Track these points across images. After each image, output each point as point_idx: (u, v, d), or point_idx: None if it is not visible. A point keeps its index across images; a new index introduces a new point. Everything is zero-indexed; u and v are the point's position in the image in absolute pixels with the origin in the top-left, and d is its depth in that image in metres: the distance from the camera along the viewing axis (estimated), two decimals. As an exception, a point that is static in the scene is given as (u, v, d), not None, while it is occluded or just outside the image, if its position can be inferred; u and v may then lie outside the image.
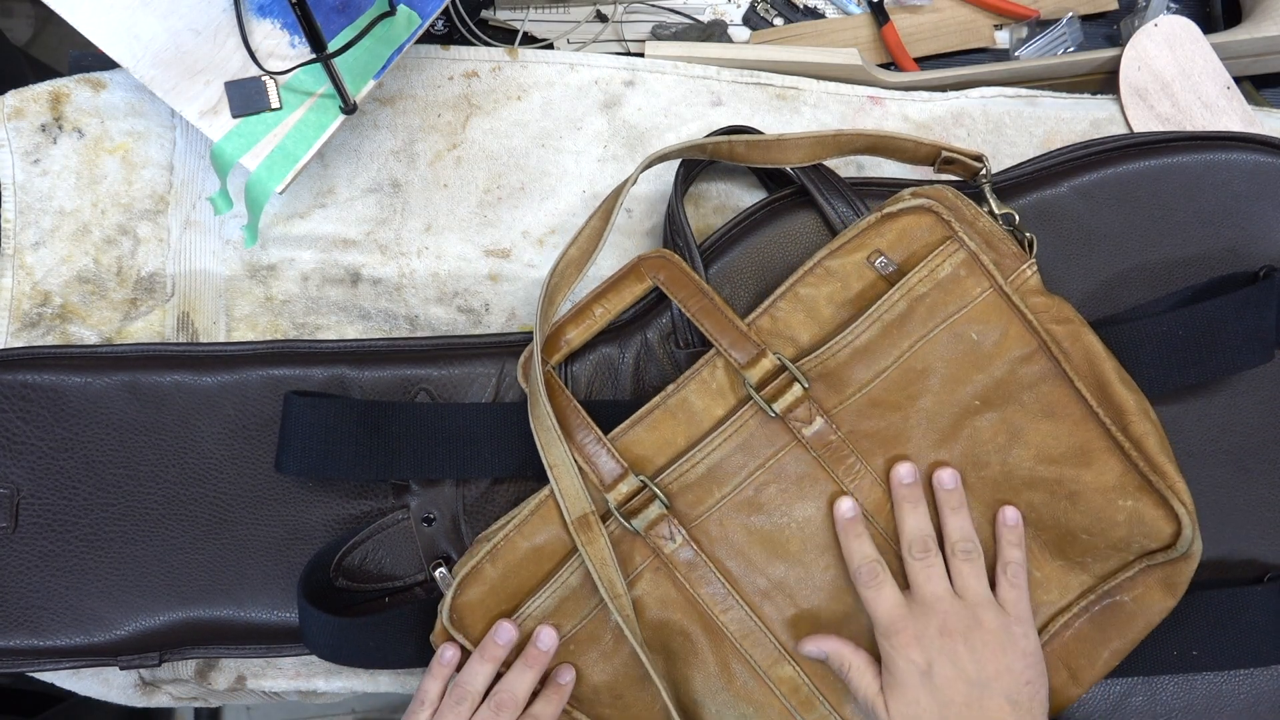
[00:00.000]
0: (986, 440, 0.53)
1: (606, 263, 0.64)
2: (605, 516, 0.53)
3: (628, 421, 0.54)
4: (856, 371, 0.53)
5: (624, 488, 0.53)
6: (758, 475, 0.53)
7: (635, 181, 0.56)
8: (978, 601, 0.51)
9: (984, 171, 0.56)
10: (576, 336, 0.56)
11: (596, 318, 0.56)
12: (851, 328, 0.53)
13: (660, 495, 0.52)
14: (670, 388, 0.54)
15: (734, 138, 0.56)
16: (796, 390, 0.52)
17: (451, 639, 0.53)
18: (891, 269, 0.54)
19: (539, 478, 0.57)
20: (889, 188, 0.59)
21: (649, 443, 0.54)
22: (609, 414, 0.55)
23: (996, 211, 0.55)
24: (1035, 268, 0.53)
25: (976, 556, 0.52)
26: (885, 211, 0.54)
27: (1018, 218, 0.56)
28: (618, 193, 0.56)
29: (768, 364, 0.53)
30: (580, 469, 0.53)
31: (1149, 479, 0.51)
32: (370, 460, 0.56)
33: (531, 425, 0.54)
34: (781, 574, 0.54)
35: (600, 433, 0.53)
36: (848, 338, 0.53)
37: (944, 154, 0.56)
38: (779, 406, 0.52)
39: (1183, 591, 0.53)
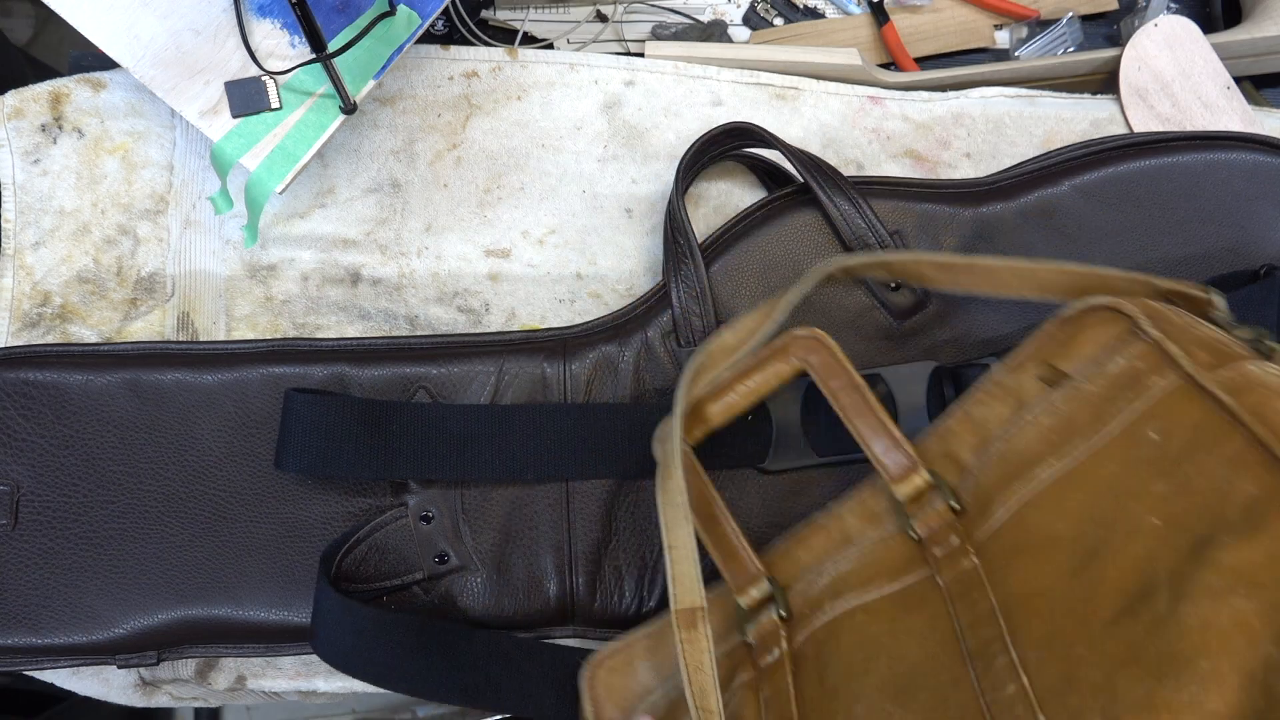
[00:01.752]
0: (1151, 552, 0.37)
1: (607, 262, 0.64)
2: (730, 623, 0.47)
3: (778, 540, 0.49)
4: (1009, 489, 0.43)
5: (755, 592, 0.47)
6: (881, 601, 0.45)
7: (801, 294, 0.51)
8: None
9: (1215, 306, 0.45)
10: (716, 415, 0.51)
11: (737, 397, 0.51)
12: (1005, 432, 0.44)
13: (781, 601, 0.46)
14: (830, 504, 0.49)
15: (920, 258, 0.51)
16: (943, 510, 0.44)
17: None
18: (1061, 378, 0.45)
19: (538, 480, 0.57)
20: (891, 187, 0.59)
21: (795, 556, 0.49)
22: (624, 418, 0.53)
23: (1247, 336, 0.42)
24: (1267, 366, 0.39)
25: None
26: (1063, 317, 0.46)
27: (1270, 340, 0.42)
28: (781, 296, 0.50)
29: (919, 481, 0.46)
30: (714, 560, 0.48)
31: None
32: (370, 459, 0.56)
33: (658, 499, 0.48)
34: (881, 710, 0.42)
35: (737, 527, 0.48)
36: (999, 446, 0.44)
37: (1160, 289, 0.46)
38: (920, 529, 0.45)
39: None
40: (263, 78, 0.57)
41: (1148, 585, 0.35)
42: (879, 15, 0.70)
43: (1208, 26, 0.69)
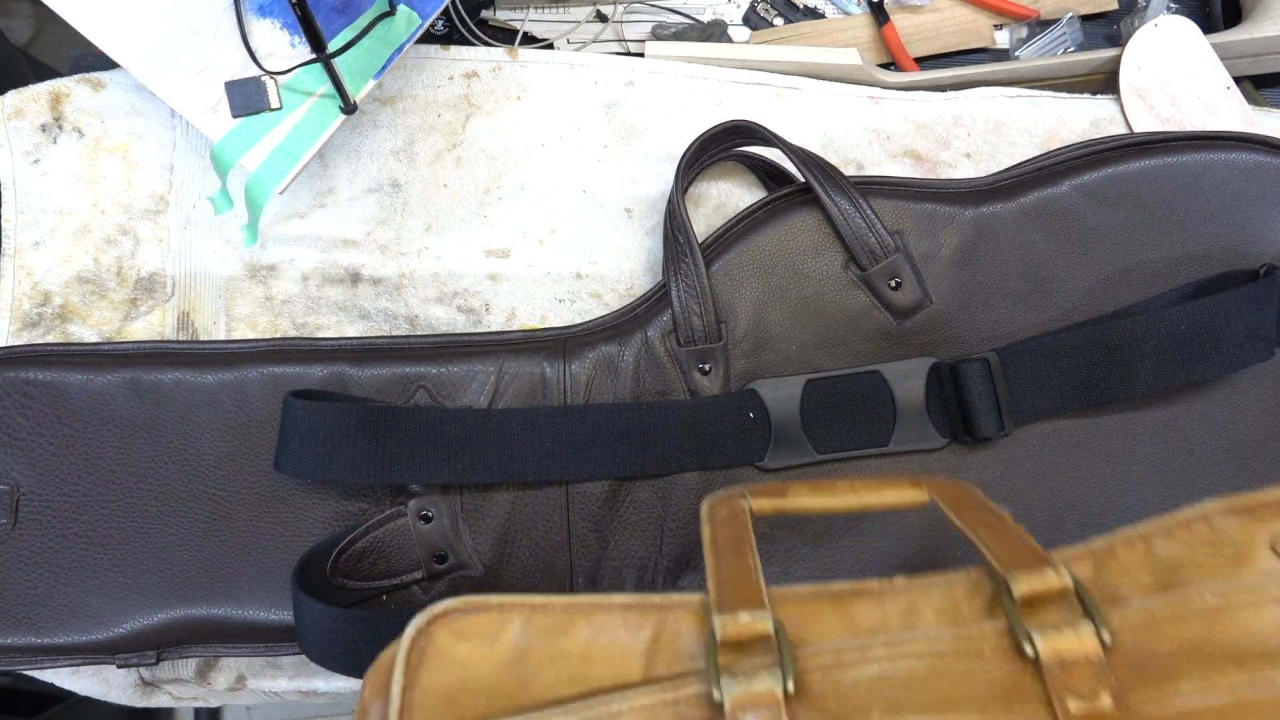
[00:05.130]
0: None
1: (607, 262, 0.64)
2: (685, 674, 0.33)
3: (812, 586, 0.35)
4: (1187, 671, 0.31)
5: (746, 619, 0.32)
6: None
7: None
8: None
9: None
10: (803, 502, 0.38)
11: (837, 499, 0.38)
12: (1209, 596, 0.32)
13: (786, 658, 0.31)
14: (900, 580, 0.35)
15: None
16: (1085, 636, 0.31)
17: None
18: None
19: (537, 482, 0.57)
20: (891, 187, 0.59)
21: (828, 619, 0.34)
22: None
23: None
24: None
25: None
26: None
27: None
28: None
29: (1054, 579, 0.32)
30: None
31: None
32: (369, 464, 0.56)
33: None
34: None
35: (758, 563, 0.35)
36: (1192, 604, 0.32)
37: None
38: (1043, 647, 0.31)
39: None
40: (263, 78, 0.57)
41: None
42: (879, 15, 0.70)
43: (1208, 26, 0.69)
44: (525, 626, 0.34)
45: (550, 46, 0.68)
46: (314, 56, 0.56)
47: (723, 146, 0.61)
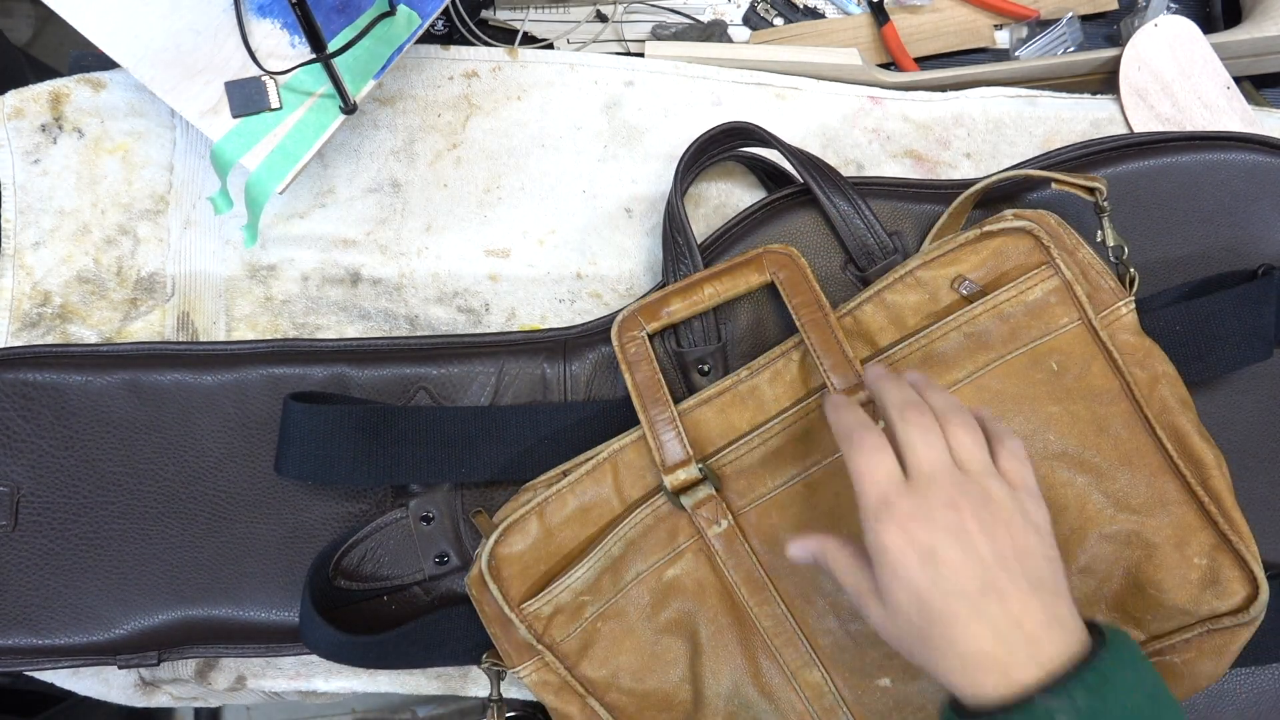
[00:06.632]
0: (1063, 483, 0.51)
1: (607, 262, 0.64)
2: (654, 491, 0.52)
3: (696, 398, 0.53)
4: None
5: (683, 474, 0.51)
6: (814, 471, 0.52)
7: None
8: (983, 472, 0.42)
9: (1100, 198, 0.53)
10: (680, 311, 0.55)
11: (704, 297, 0.55)
12: (929, 330, 0.51)
13: (711, 477, 0.51)
14: (743, 372, 0.53)
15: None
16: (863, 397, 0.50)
17: (487, 587, 0.52)
18: (975, 290, 0.52)
19: (536, 477, 0.57)
20: (891, 187, 0.59)
21: (713, 425, 0.53)
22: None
23: (1110, 242, 0.53)
24: (1133, 306, 0.51)
25: (975, 426, 0.43)
26: (984, 230, 0.52)
27: (1127, 250, 0.53)
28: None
29: (864, 397, 0.50)
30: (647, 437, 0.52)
31: (1228, 538, 0.49)
32: (369, 465, 0.56)
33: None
34: (824, 579, 0.51)
35: (676, 413, 0.52)
36: (922, 340, 0.51)
37: (1053, 185, 0.54)
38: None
39: (1231, 661, 0.50)
40: (263, 78, 0.57)
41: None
42: (879, 15, 0.70)
43: (1208, 26, 0.69)
44: (539, 518, 0.53)
45: (550, 46, 0.68)
46: (314, 56, 0.56)
47: (722, 147, 0.61)
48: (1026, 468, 0.44)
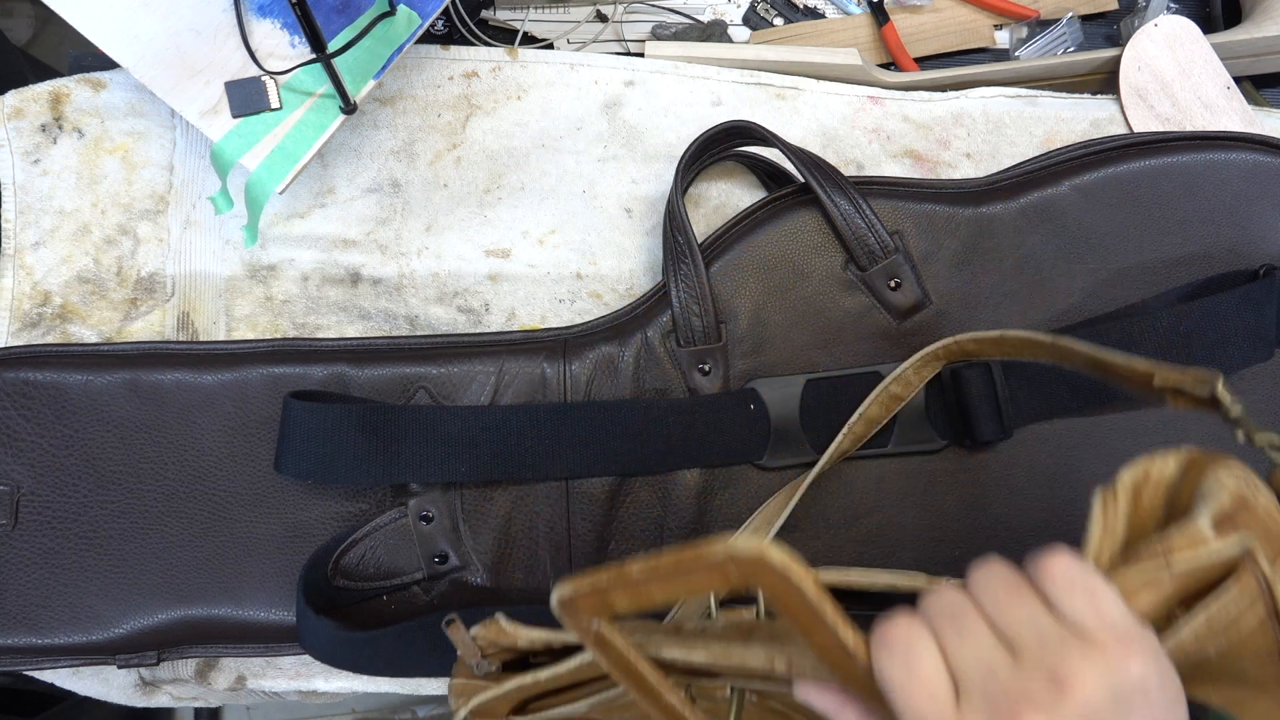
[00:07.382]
0: None
1: (607, 262, 0.64)
2: None
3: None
4: None
5: None
6: None
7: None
8: (1043, 642, 0.29)
9: (1227, 404, 0.40)
10: (626, 605, 0.38)
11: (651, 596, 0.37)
12: None
13: None
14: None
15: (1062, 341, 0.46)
16: None
17: None
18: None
19: (537, 480, 0.57)
20: (891, 187, 0.59)
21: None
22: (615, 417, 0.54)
23: (1258, 442, 0.39)
24: None
25: (1008, 577, 0.31)
26: (1196, 564, 0.34)
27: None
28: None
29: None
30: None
31: None
32: (369, 465, 0.56)
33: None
34: None
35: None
36: None
37: (1160, 381, 0.41)
38: None
39: None
40: (263, 78, 0.57)
41: None
42: (879, 15, 0.70)
43: (1208, 26, 0.69)
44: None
45: (550, 46, 0.68)
46: (314, 56, 0.56)
47: (722, 147, 0.61)
48: (1103, 591, 0.30)
